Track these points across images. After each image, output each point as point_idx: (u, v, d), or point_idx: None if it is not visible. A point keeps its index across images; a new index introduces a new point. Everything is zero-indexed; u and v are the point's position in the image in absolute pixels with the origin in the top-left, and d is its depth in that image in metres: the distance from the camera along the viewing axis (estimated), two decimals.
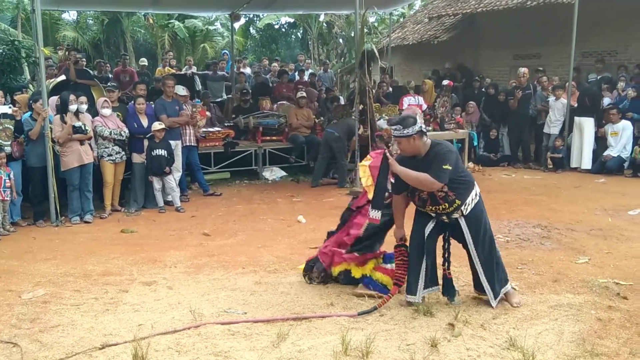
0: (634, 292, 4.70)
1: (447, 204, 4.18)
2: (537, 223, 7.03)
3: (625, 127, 10.43)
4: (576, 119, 10.87)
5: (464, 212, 4.24)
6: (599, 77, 11.93)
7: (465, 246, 4.36)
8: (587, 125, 10.73)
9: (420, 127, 4.15)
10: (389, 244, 4.77)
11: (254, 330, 4.04)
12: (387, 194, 4.50)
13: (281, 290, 4.89)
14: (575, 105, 10.98)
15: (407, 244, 4.47)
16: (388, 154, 4.32)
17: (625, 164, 10.46)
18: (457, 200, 4.17)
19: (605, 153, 10.51)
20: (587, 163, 10.75)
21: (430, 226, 4.34)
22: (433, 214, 4.32)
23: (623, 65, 12.18)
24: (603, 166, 10.49)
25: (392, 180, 4.36)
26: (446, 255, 4.47)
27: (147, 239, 6.82)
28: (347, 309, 4.44)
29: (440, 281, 4.53)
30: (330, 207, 8.37)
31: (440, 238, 4.48)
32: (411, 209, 4.50)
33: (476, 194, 4.30)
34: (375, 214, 4.44)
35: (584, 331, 3.97)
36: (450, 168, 4.07)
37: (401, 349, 3.75)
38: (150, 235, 6.98)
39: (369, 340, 3.75)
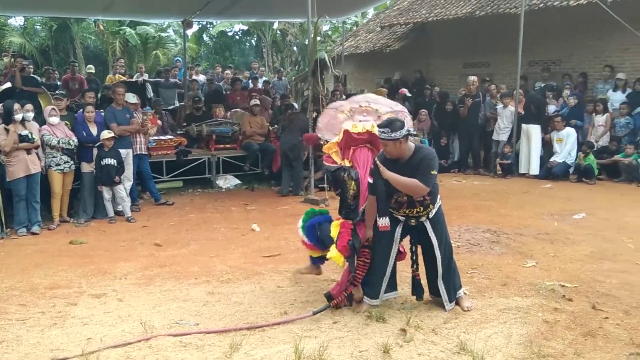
0: (578, 294, 4.85)
1: (422, 208, 4.30)
2: (487, 228, 7.18)
3: (569, 134, 10.80)
4: (523, 126, 11.18)
5: (430, 215, 4.37)
6: (543, 85, 12.31)
7: (429, 250, 4.45)
8: (533, 132, 11.06)
9: (408, 130, 4.23)
10: None
11: (207, 342, 3.99)
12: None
13: (234, 300, 4.85)
14: (523, 112, 11.30)
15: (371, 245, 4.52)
16: (378, 162, 4.33)
17: (571, 170, 10.81)
18: (430, 205, 4.31)
19: (551, 159, 10.85)
20: (534, 169, 11.07)
21: (398, 231, 4.42)
22: (402, 218, 4.39)
23: (567, 74, 12.62)
24: (550, 172, 10.81)
25: (370, 181, 4.37)
26: (414, 258, 4.56)
27: (97, 250, 6.67)
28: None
29: (398, 282, 4.63)
30: (285, 215, 8.37)
31: (407, 241, 4.58)
32: None
33: (440, 198, 4.46)
34: (384, 221, 4.32)
35: (531, 333, 4.07)
36: (436, 173, 4.22)
37: (354, 356, 3.78)
38: (100, 247, 6.83)
39: (322, 348, 3.76)
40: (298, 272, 5.23)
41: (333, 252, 4.60)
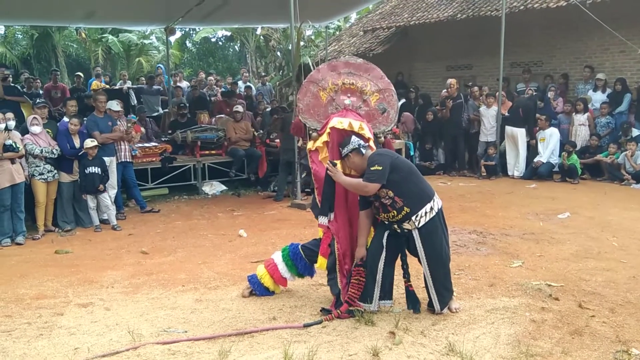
0: (564, 293, 4.90)
1: (395, 211, 4.23)
2: (473, 229, 7.23)
3: (552, 134, 10.91)
4: (508, 128, 11.26)
5: (417, 225, 4.26)
6: (530, 89, 12.38)
7: (419, 261, 4.40)
8: (519, 135, 11.14)
9: (355, 145, 4.28)
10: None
11: (195, 349, 3.97)
12: None
13: (222, 306, 4.83)
14: (507, 114, 11.39)
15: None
16: (330, 165, 4.35)
17: (555, 170, 10.92)
18: (405, 208, 4.21)
19: (535, 159, 10.94)
20: (521, 170, 11.16)
21: (386, 235, 4.38)
22: (386, 222, 4.38)
23: (549, 75, 12.76)
24: (534, 172, 10.91)
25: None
26: (405, 267, 4.49)
27: (83, 259, 6.61)
28: (290, 322, 4.43)
29: (398, 292, 4.58)
30: (271, 220, 8.36)
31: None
32: None
33: (432, 209, 4.29)
34: (323, 220, 4.48)
35: (519, 333, 4.10)
36: (379, 168, 4.15)
37: (343, 359, 3.78)
38: (86, 256, 6.77)
39: (312, 353, 3.76)
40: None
41: (320, 261, 4.63)
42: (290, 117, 9.80)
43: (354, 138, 4.33)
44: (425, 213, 4.26)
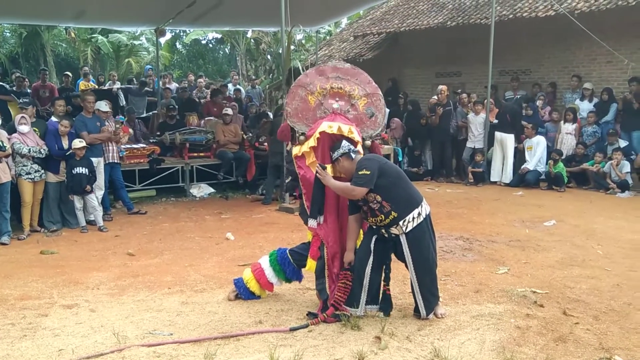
0: (549, 300, 4.94)
1: (383, 216, 4.26)
2: (460, 235, 7.27)
3: (539, 142, 11.00)
4: (497, 134, 11.37)
5: (404, 230, 4.28)
6: (518, 96, 12.51)
7: (405, 266, 4.42)
8: (508, 141, 11.24)
9: (345, 150, 4.32)
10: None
11: (181, 352, 3.96)
12: None
13: (209, 309, 4.82)
14: (495, 121, 11.48)
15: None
16: (319, 168, 4.37)
17: (542, 177, 11.00)
18: (393, 212, 4.24)
19: (522, 166, 11.02)
20: (508, 177, 11.24)
21: (374, 240, 4.40)
22: (374, 227, 4.40)
23: (537, 84, 12.87)
24: (521, 179, 10.99)
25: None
26: (387, 271, 4.50)
27: (69, 260, 6.57)
28: (276, 326, 4.43)
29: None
30: (259, 223, 8.35)
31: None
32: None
33: (420, 214, 4.31)
34: (312, 223, 4.51)
35: (504, 339, 4.13)
36: (367, 173, 4.18)
37: None
38: (72, 256, 6.73)
39: (298, 357, 3.77)
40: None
41: (309, 263, 4.64)
42: (279, 121, 9.80)
43: (344, 142, 4.35)
44: (413, 218, 4.29)
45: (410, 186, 4.44)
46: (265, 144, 10.66)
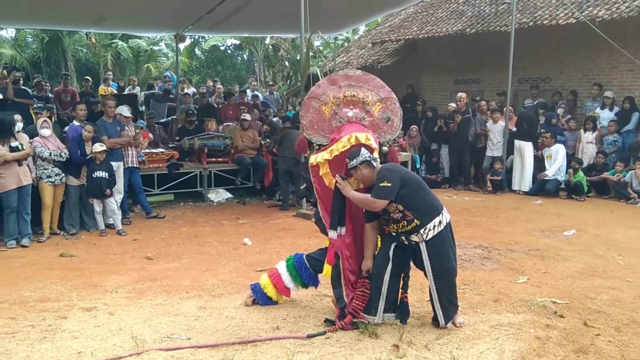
0: (569, 311, 4.87)
1: (405, 222, 4.25)
2: (478, 244, 7.21)
3: (558, 150, 10.90)
4: (516, 142, 11.29)
5: (425, 237, 4.26)
6: (535, 103, 12.44)
7: (424, 274, 4.40)
8: (526, 149, 11.16)
9: (365, 157, 4.25)
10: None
11: (198, 356, 3.97)
12: None
13: (226, 314, 4.83)
14: (514, 129, 11.41)
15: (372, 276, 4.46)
16: (339, 179, 4.36)
17: (561, 186, 10.90)
18: (415, 220, 4.23)
19: (540, 173, 10.94)
20: (527, 186, 11.15)
21: (392, 247, 4.38)
22: (394, 233, 4.38)
23: (558, 92, 12.76)
24: (540, 187, 10.89)
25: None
26: (405, 279, 4.47)
27: (87, 263, 6.62)
28: (293, 332, 4.43)
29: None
30: (276, 229, 8.36)
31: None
32: None
33: (440, 222, 4.29)
34: (333, 234, 4.47)
35: (523, 350, 4.08)
36: (388, 185, 4.15)
37: None
38: (91, 260, 6.78)
39: None
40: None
41: (325, 269, 4.63)
42: (292, 131, 9.85)
43: (363, 150, 4.30)
44: (434, 226, 4.27)
45: (430, 194, 4.41)
46: None
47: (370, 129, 4.64)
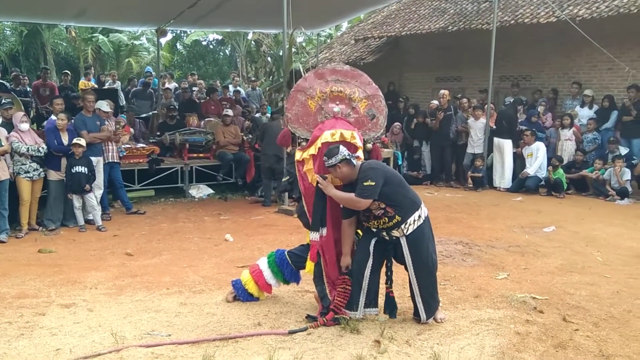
0: (549, 306, 4.92)
1: (387, 218, 4.25)
2: (459, 240, 7.25)
3: (539, 148, 11.01)
4: (495, 139, 11.38)
5: (405, 232, 4.28)
6: (512, 100, 12.52)
7: (405, 268, 4.41)
8: (506, 146, 11.25)
9: (345, 155, 4.21)
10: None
11: (179, 353, 3.94)
12: None
13: (207, 310, 4.80)
14: (494, 127, 11.50)
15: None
16: (320, 179, 4.34)
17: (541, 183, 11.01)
18: (397, 216, 4.24)
19: (523, 171, 11.03)
20: (507, 183, 11.25)
21: (373, 242, 4.39)
22: (374, 229, 4.38)
23: (538, 90, 12.88)
24: (521, 185, 10.99)
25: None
26: (389, 274, 4.49)
27: (67, 259, 6.54)
28: (275, 328, 4.41)
29: (382, 299, 4.55)
30: (258, 225, 8.34)
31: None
32: None
33: (420, 217, 4.32)
34: (314, 236, 4.45)
35: (503, 345, 4.11)
36: (372, 184, 4.15)
37: None
38: (70, 256, 6.70)
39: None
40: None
41: (308, 266, 4.61)
42: (272, 125, 9.82)
43: (342, 148, 4.26)
44: (414, 221, 4.29)
45: (409, 190, 4.44)
46: None
47: (356, 125, 4.63)
